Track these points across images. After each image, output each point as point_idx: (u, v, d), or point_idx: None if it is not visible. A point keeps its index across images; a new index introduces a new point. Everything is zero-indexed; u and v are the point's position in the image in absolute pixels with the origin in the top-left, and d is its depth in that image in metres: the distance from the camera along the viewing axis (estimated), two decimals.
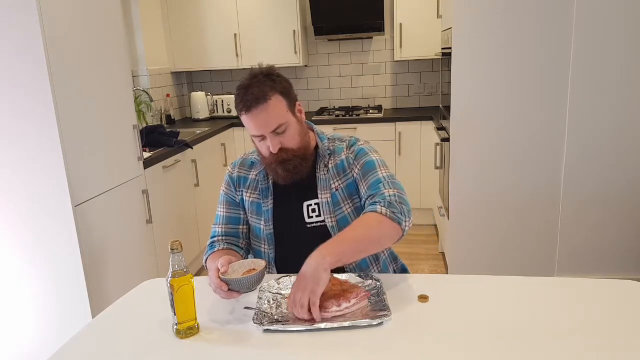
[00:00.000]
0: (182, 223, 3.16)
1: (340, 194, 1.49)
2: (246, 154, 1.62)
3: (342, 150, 1.53)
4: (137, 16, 3.74)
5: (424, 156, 3.87)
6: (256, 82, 1.37)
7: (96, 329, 1.25)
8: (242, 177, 1.57)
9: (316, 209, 1.50)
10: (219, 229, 1.57)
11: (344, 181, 1.50)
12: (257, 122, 1.37)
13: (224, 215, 1.57)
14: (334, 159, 1.52)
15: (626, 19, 2.51)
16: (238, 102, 1.38)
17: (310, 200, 1.50)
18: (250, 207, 1.55)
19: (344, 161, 1.51)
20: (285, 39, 4.09)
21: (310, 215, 1.50)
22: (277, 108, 1.38)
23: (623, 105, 2.61)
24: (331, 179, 1.50)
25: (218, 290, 1.24)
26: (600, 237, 2.79)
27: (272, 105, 1.36)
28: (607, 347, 1.04)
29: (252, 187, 1.55)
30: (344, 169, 1.50)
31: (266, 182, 1.53)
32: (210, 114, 4.37)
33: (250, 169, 1.57)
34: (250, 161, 1.58)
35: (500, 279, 1.37)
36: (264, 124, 1.37)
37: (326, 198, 1.49)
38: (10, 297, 2.19)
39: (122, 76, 2.50)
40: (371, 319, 1.14)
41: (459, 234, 2.88)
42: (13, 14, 1.90)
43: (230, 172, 1.59)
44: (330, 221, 1.48)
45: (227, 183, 1.59)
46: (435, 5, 3.78)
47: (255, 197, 1.54)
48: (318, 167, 1.51)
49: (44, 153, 2.01)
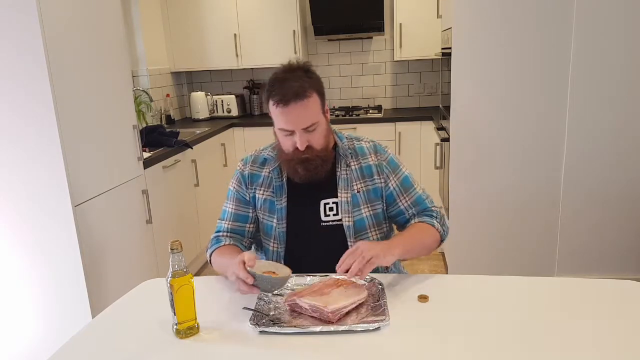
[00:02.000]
0: (182, 223, 3.16)
1: (362, 197, 1.49)
2: (258, 151, 1.59)
3: (365, 152, 1.53)
4: (137, 16, 3.74)
5: (424, 156, 3.86)
6: (295, 77, 1.35)
7: (96, 329, 1.25)
8: (255, 175, 1.54)
9: (334, 207, 1.49)
10: (226, 225, 1.55)
11: (369, 185, 1.50)
12: (292, 118, 1.35)
13: (232, 212, 1.55)
14: (359, 161, 1.51)
15: (626, 19, 2.51)
16: (274, 94, 1.35)
17: (329, 199, 1.49)
18: (262, 205, 1.52)
19: (373, 167, 1.51)
20: (285, 39, 4.09)
21: (327, 214, 1.49)
22: (314, 106, 1.37)
23: (623, 105, 2.61)
24: (354, 180, 1.49)
25: (240, 282, 1.22)
26: (600, 237, 2.79)
27: (310, 103, 1.36)
28: (607, 347, 1.04)
29: (265, 185, 1.52)
30: (371, 175, 1.50)
31: (280, 180, 1.51)
32: (210, 114, 4.37)
33: (263, 166, 1.54)
34: (263, 158, 1.55)
35: (500, 279, 1.37)
36: (298, 120, 1.36)
37: (346, 198, 1.48)
38: (10, 297, 2.19)
39: (122, 76, 2.50)
40: (369, 323, 1.14)
41: (459, 234, 2.88)
42: (13, 14, 1.89)
43: (241, 169, 1.56)
44: (347, 221, 1.48)
45: (237, 180, 1.56)
46: (435, 5, 3.77)
47: (269, 195, 1.52)
48: (339, 166, 1.50)
49: (44, 153, 2.01)
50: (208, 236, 3.95)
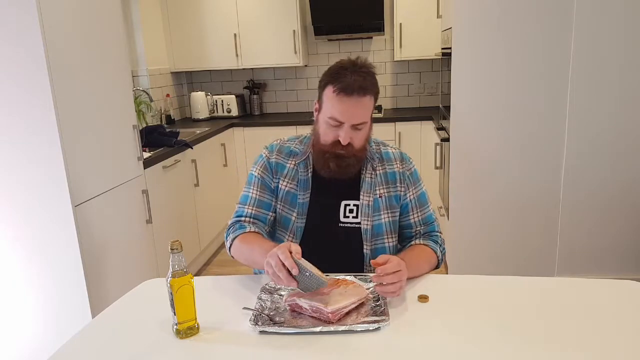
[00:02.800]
0: (182, 223, 3.16)
1: (383, 202, 1.49)
2: (282, 141, 1.56)
3: (391, 158, 1.53)
4: (137, 16, 3.74)
5: (424, 156, 3.87)
6: (362, 72, 1.35)
7: (96, 329, 1.25)
8: (280, 165, 1.52)
9: (354, 210, 1.48)
10: (249, 210, 1.50)
11: (391, 191, 1.50)
12: (349, 110, 1.35)
13: (256, 198, 1.50)
14: (384, 166, 1.51)
15: (626, 19, 2.51)
16: (339, 81, 1.34)
17: (349, 201, 1.48)
18: (284, 197, 1.50)
19: (397, 174, 1.51)
20: (285, 39, 4.09)
21: (347, 215, 1.48)
22: (369, 106, 1.38)
23: (623, 105, 2.61)
24: (377, 184, 1.49)
25: (282, 269, 1.15)
26: (600, 237, 2.79)
27: (367, 102, 1.36)
28: (607, 347, 1.04)
29: (290, 177, 1.50)
30: (395, 181, 1.51)
31: (306, 174, 1.49)
32: (210, 114, 4.37)
33: (289, 158, 1.52)
34: (289, 149, 1.53)
35: (500, 279, 1.37)
36: (354, 114, 1.35)
37: (368, 201, 1.48)
38: (10, 297, 2.19)
39: (122, 76, 2.50)
40: (369, 323, 1.14)
41: (459, 234, 2.88)
42: (13, 14, 1.90)
43: (267, 156, 1.53)
44: (366, 224, 1.47)
45: (263, 166, 1.52)
46: (435, 5, 3.78)
47: (292, 187, 1.50)
48: (364, 169, 1.49)
49: (44, 153, 2.01)
50: (208, 236, 3.95)
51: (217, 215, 3.65)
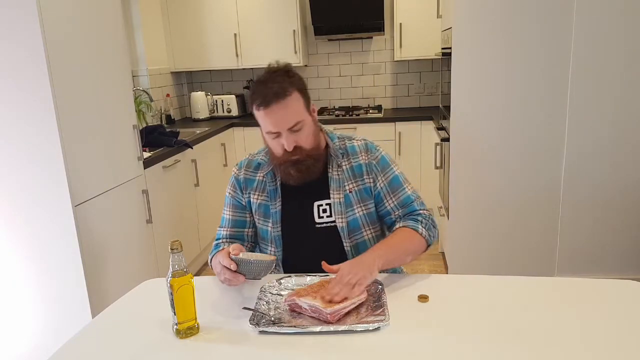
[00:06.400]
0: (182, 223, 3.16)
1: (354, 197, 1.49)
2: (252, 155, 1.59)
3: (356, 151, 1.52)
4: (137, 16, 3.74)
5: (424, 156, 3.87)
6: (275, 78, 1.36)
7: (96, 329, 1.25)
8: (249, 180, 1.55)
9: (327, 209, 1.48)
10: (224, 232, 1.56)
11: (360, 185, 1.49)
12: (276, 118, 1.36)
13: (229, 219, 1.56)
14: (349, 160, 1.50)
15: (626, 19, 2.51)
16: (256, 97, 1.36)
17: (322, 201, 1.49)
18: (257, 210, 1.53)
19: (363, 166, 1.50)
20: (285, 39, 4.09)
21: (321, 216, 1.49)
22: (296, 105, 1.37)
23: (623, 106, 2.61)
24: (345, 180, 1.49)
25: (225, 270, 1.25)
26: (600, 237, 2.79)
27: (291, 102, 1.36)
28: (607, 347, 1.04)
29: (260, 189, 1.53)
30: (362, 174, 1.50)
31: (274, 184, 1.51)
32: (210, 114, 4.37)
33: (257, 171, 1.55)
34: (257, 162, 1.56)
35: (500, 279, 1.37)
36: (282, 121, 1.36)
37: (339, 199, 1.48)
38: (10, 297, 2.19)
39: (122, 76, 2.50)
40: (369, 323, 1.14)
41: (459, 234, 2.88)
42: (13, 14, 1.90)
43: (236, 174, 1.57)
44: (340, 222, 1.48)
45: (232, 185, 1.57)
46: (435, 5, 3.77)
47: (263, 199, 1.52)
48: (330, 167, 1.49)
49: (44, 153, 2.01)
50: (208, 236, 3.96)
51: (217, 215, 3.61)
